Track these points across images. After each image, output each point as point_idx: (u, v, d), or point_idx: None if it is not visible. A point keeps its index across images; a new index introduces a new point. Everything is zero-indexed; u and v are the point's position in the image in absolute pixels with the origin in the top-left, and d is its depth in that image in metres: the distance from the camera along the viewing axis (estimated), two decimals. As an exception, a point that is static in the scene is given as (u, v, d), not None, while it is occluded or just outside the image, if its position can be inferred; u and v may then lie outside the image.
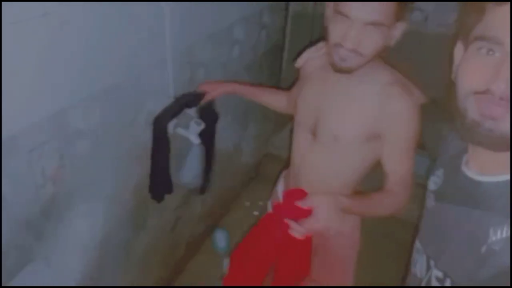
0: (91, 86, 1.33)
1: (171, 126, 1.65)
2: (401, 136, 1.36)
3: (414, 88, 1.38)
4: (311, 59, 1.55)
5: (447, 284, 1.01)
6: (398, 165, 1.41)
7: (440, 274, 1.03)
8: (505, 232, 0.89)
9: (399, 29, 1.29)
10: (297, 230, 1.24)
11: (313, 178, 1.53)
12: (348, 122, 1.40)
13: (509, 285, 0.87)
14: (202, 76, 1.92)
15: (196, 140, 1.71)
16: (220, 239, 2.55)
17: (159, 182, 1.77)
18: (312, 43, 1.60)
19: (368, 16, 1.21)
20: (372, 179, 1.52)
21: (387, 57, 1.36)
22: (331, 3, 1.31)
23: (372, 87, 1.36)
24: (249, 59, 2.39)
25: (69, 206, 1.40)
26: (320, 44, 1.54)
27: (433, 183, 1.13)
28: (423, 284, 1.11)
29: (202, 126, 1.74)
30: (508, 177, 0.93)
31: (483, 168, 0.98)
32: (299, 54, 1.58)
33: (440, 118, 1.31)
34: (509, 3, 0.86)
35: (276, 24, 2.64)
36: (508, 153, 0.92)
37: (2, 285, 1.24)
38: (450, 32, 2.39)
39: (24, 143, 1.16)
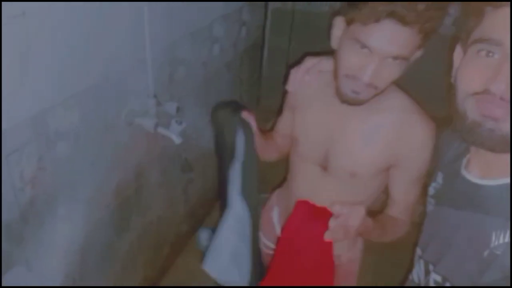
0: (71, 87, 1.31)
1: (151, 125, 1.63)
2: (416, 166, 1.28)
3: (423, 111, 1.28)
4: (304, 81, 1.39)
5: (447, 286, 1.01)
6: (408, 194, 1.34)
7: (439, 278, 1.03)
8: (508, 236, 0.89)
9: (416, 56, 1.18)
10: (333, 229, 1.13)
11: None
12: (366, 158, 1.30)
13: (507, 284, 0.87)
14: (183, 74, 1.91)
15: (177, 139, 1.69)
16: (204, 238, 2.54)
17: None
18: (294, 64, 1.43)
19: (393, 49, 1.09)
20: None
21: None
22: (342, 24, 1.18)
23: (388, 116, 1.26)
24: (230, 56, 2.38)
25: (49, 209, 1.38)
26: (311, 61, 1.39)
27: (432, 188, 1.13)
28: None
29: (183, 125, 1.72)
30: (509, 180, 0.93)
31: (484, 171, 0.98)
32: (279, 52, 1.53)
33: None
34: (508, 5, 0.86)
35: (256, 21, 2.63)
36: (509, 156, 0.92)
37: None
38: (449, 32, 2.42)
39: (2, 146, 1.14)
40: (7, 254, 1.27)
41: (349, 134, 1.30)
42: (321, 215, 1.20)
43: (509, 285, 0.88)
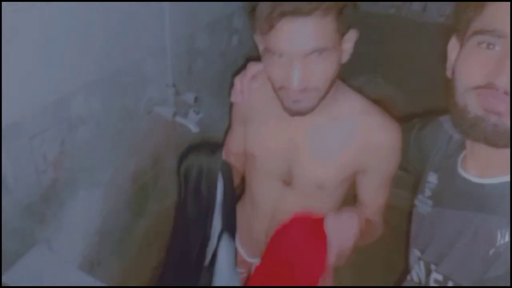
0: (92, 73, 1.35)
1: (169, 114, 1.67)
2: (384, 168, 1.23)
3: (385, 113, 1.21)
4: (250, 90, 1.27)
5: (449, 285, 1.01)
6: (377, 196, 1.29)
7: (440, 277, 1.03)
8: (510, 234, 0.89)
9: (350, 41, 1.08)
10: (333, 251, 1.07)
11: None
12: (332, 168, 1.22)
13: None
14: (201, 64, 1.94)
15: (195, 128, 1.73)
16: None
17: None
18: (237, 71, 1.30)
19: (305, 46, 0.99)
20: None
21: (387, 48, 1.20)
22: (260, 39, 1.09)
23: (349, 121, 1.18)
24: (249, 48, 2.40)
25: (70, 191, 1.43)
26: (255, 67, 1.26)
27: (428, 190, 1.11)
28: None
29: (201, 114, 1.76)
30: (508, 178, 0.93)
31: (483, 170, 0.97)
32: None
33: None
34: None
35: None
36: (507, 152, 0.91)
37: (6, 267, 1.27)
38: (449, 22, 2.41)
39: (26, 129, 1.19)
40: (29, 232, 1.33)
41: (312, 144, 1.21)
42: (317, 226, 1.12)
43: (509, 280, 0.89)
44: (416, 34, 2.47)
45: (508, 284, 0.88)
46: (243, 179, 1.46)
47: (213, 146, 1.21)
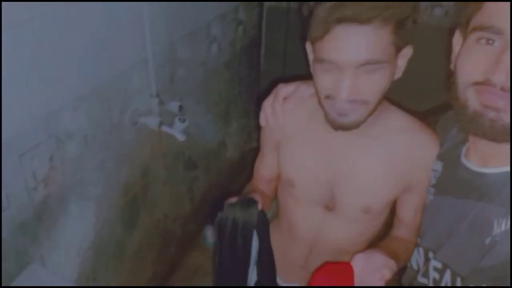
0: (77, 88, 1.36)
1: (155, 124, 1.68)
2: (425, 184, 1.16)
3: (427, 127, 1.17)
4: (283, 113, 1.21)
5: (447, 274, 1.03)
6: (417, 214, 1.20)
7: (439, 265, 1.05)
8: (508, 224, 0.90)
9: (405, 56, 1.03)
10: None
11: (334, 248, 1.28)
12: (380, 190, 1.16)
13: (508, 271, 0.89)
14: (183, 74, 1.95)
15: (181, 137, 1.74)
16: (211, 235, 2.58)
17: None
18: (264, 94, 1.25)
19: (359, 56, 0.94)
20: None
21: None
22: (309, 47, 1.07)
23: (394, 140, 1.13)
24: (228, 55, 2.42)
25: (62, 207, 1.43)
26: (285, 89, 1.22)
27: (432, 178, 1.12)
28: (420, 274, 1.13)
29: (186, 122, 1.77)
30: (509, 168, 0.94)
31: (485, 160, 0.98)
32: (275, 49, 1.35)
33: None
34: None
35: (252, 20, 2.67)
36: (509, 144, 0.92)
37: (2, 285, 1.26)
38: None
39: (15, 147, 1.19)
40: (23, 251, 1.33)
41: (357, 167, 1.15)
42: (344, 272, 1.05)
43: (505, 269, 0.90)
44: (440, 39, 2.44)
45: (504, 274, 0.90)
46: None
47: (249, 200, 1.13)
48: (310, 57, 1.08)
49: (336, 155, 1.16)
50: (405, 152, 1.13)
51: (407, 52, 1.03)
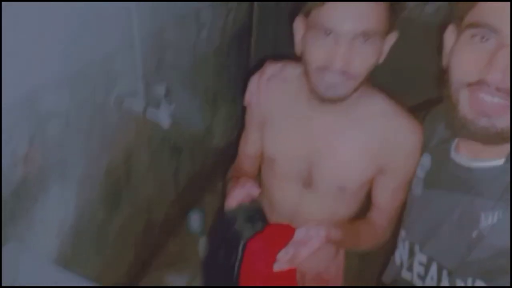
0: (61, 68, 1.34)
1: (140, 107, 1.67)
2: (404, 171, 1.18)
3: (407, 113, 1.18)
4: (267, 91, 1.23)
5: (433, 267, 1.02)
6: (393, 200, 1.23)
7: (424, 259, 1.05)
8: (496, 217, 0.90)
9: (389, 41, 1.06)
10: (283, 259, 1.03)
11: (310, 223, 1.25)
12: (355, 170, 1.20)
13: (499, 264, 0.89)
14: (171, 58, 1.94)
15: (167, 121, 1.72)
16: (195, 220, 2.58)
17: None
18: (253, 70, 1.26)
19: (359, 25, 0.96)
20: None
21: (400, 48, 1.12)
22: (300, 24, 1.08)
23: (374, 122, 1.15)
24: (218, 42, 2.41)
25: (42, 187, 1.42)
26: (273, 67, 1.24)
27: (422, 171, 1.12)
28: (404, 269, 1.12)
29: (173, 107, 1.76)
30: (501, 162, 0.93)
31: (475, 154, 0.97)
32: (266, 36, 1.38)
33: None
34: None
35: (243, 6, 2.66)
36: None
37: None
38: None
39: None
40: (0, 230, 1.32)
41: (335, 146, 1.18)
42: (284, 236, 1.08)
43: (493, 262, 0.90)
44: (431, 35, 2.43)
45: (492, 267, 0.90)
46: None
47: (256, 214, 1.13)
48: (300, 31, 1.09)
49: (316, 134, 1.18)
50: (383, 135, 1.14)
51: (392, 37, 1.05)
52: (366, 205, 1.32)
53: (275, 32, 2.82)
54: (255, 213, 1.13)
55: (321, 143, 1.18)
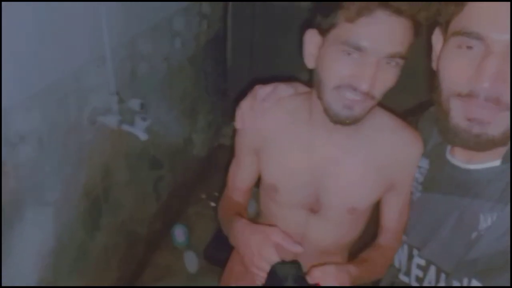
0: (29, 87, 1.29)
1: (114, 123, 1.62)
2: (408, 184, 1.15)
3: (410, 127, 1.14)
4: (263, 115, 1.16)
5: (431, 271, 1.02)
6: (401, 218, 1.18)
7: (422, 262, 1.04)
8: (495, 218, 0.90)
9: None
10: None
11: (316, 250, 1.23)
12: (366, 189, 1.14)
13: (495, 264, 0.89)
14: (145, 70, 1.90)
15: (143, 136, 1.68)
16: (179, 234, 2.54)
17: None
18: (240, 96, 1.19)
19: (390, 46, 0.91)
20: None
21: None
22: (316, 38, 1.00)
23: (378, 139, 1.11)
24: (192, 50, 2.38)
25: (17, 213, 1.37)
26: (263, 90, 1.18)
27: (420, 175, 1.12)
28: (402, 273, 1.12)
29: (148, 121, 1.71)
30: (497, 163, 0.93)
31: (470, 156, 0.97)
32: (242, 43, 1.32)
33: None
34: None
35: (217, 13, 2.63)
36: None
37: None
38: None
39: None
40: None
41: (343, 167, 1.12)
42: None
43: (488, 262, 0.90)
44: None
45: (490, 267, 0.90)
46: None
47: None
48: (313, 49, 1.02)
49: (321, 156, 1.12)
50: (389, 151, 1.10)
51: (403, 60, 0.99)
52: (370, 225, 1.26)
53: (250, 37, 2.80)
54: (301, 274, 1.05)
55: (327, 165, 1.12)
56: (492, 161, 0.94)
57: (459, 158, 1.00)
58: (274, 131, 1.15)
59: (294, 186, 1.16)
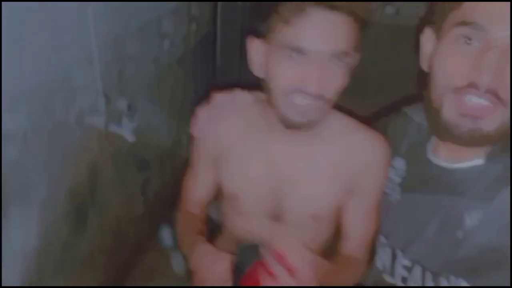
0: (14, 87, 1.27)
1: (101, 124, 1.61)
2: (373, 189, 1.12)
3: (370, 129, 1.12)
4: (221, 123, 1.14)
5: (417, 270, 1.02)
6: (366, 225, 1.16)
7: (407, 262, 1.05)
8: (480, 216, 0.91)
9: (353, 63, 0.97)
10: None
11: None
12: (327, 194, 1.12)
13: (483, 262, 0.90)
14: (133, 71, 1.89)
15: (131, 137, 1.68)
16: (166, 235, 2.52)
17: None
18: (197, 101, 1.20)
19: (331, 44, 0.89)
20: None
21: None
22: (259, 44, 0.99)
23: (336, 142, 1.09)
24: (181, 52, 2.37)
25: (3, 212, 1.34)
26: (221, 98, 1.17)
27: (397, 176, 1.11)
28: (387, 274, 1.12)
29: (135, 122, 1.71)
30: (481, 161, 0.94)
31: (455, 155, 0.97)
32: (231, 45, 1.31)
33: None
34: None
35: (206, 15, 2.62)
36: None
37: None
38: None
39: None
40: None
41: (301, 174, 1.10)
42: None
43: (476, 261, 0.91)
44: (391, 37, 2.46)
45: (478, 266, 0.91)
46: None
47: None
48: (257, 56, 1.01)
49: (281, 163, 1.10)
50: (348, 154, 1.08)
51: (356, 59, 0.98)
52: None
53: (240, 38, 2.80)
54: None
55: (287, 172, 1.10)
56: (476, 159, 0.94)
57: (442, 157, 1.00)
58: (232, 139, 1.13)
59: (254, 194, 1.14)
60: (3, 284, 1.42)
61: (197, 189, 1.27)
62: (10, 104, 1.27)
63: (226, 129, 1.14)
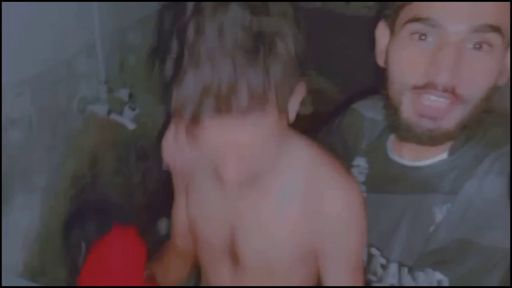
0: (20, 73, 1.30)
1: (104, 112, 1.63)
2: (345, 247, 0.94)
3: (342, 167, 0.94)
4: (185, 150, 0.93)
5: (392, 267, 1.00)
6: (349, 279, 0.96)
7: (384, 261, 1.03)
8: (449, 208, 0.90)
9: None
10: None
11: None
12: (282, 241, 0.94)
13: (454, 253, 0.89)
14: (134, 61, 1.91)
15: (131, 125, 1.70)
16: (164, 227, 2.54)
17: None
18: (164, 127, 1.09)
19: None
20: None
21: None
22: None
23: (295, 176, 0.90)
24: (181, 44, 2.39)
25: (5, 198, 1.37)
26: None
27: (361, 175, 1.08)
28: (368, 272, 1.09)
29: (137, 110, 1.73)
30: (445, 156, 0.93)
31: (417, 152, 0.96)
32: None
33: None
34: None
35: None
36: None
37: None
38: (372, 14, 2.42)
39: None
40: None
41: (256, 212, 0.94)
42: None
43: (446, 254, 0.91)
44: (341, 27, 2.44)
45: (449, 257, 0.90)
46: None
47: None
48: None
49: (235, 196, 0.96)
50: (307, 191, 0.90)
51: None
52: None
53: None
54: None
55: (242, 208, 0.96)
56: (439, 154, 0.94)
57: (405, 156, 0.99)
58: (195, 168, 1.02)
59: (209, 223, 1.03)
60: (4, 270, 1.44)
61: (178, 220, 1.19)
62: (14, 89, 1.29)
63: (191, 156, 0.98)
